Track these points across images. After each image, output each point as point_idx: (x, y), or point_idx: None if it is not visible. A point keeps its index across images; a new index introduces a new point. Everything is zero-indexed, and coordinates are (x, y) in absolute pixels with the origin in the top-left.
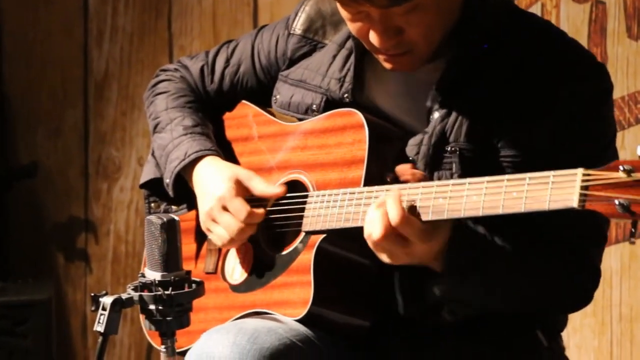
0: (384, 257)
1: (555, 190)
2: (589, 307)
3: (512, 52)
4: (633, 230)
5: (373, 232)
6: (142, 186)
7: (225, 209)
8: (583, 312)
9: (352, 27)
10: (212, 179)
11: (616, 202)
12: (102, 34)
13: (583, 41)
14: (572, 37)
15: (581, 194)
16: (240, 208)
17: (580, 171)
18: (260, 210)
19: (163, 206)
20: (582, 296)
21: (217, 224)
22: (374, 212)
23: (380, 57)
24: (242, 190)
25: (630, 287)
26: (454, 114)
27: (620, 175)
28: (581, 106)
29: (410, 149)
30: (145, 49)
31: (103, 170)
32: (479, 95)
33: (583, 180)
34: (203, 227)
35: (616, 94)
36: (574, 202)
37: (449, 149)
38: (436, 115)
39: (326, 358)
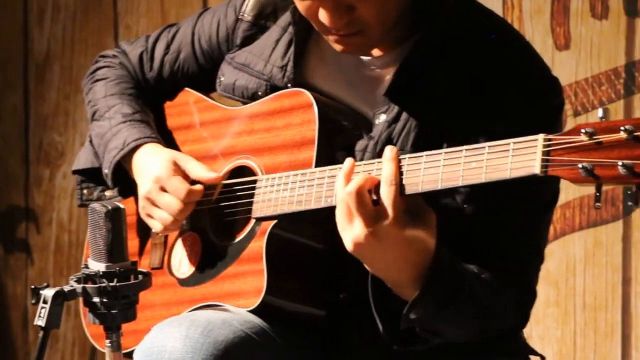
0: (349, 241)
1: (516, 157)
2: (552, 296)
3: (465, 58)
4: (597, 194)
5: (349, 185)
6: (76, 172)
7: (163, 189)
8: (546, 302)
9: (301, 5)
10: (150, 163)
11: (579, 165)
12: (43, 12)
13: (546, 21)
14: (528, 43)
15: (543, 160)
16: (179, 186)
17: (541, 136)
18: (199, 187)
19: (96, 193)
20: (525, 318)
21: (157, 206)
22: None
23: (331, 38)
24: (180, 172)
25: (594, 275)
26: (402, 120)
27: (582, 138)
28: (532, 122)
29: (356, 155)
30: (89, 28)
31: (45, 156)
32: (430, 99)
33: (544, 146)
34: (142, 213)
35: (579, 76)
36: (536, 169)
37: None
38: (382, 118)
39: (283, 350)
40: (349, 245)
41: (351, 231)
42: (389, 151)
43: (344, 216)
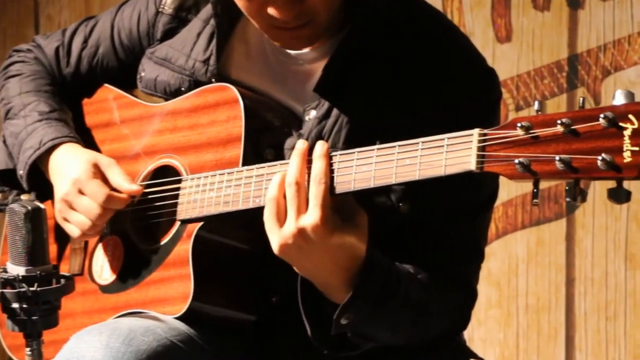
0: (275, 241)
1: (451, 153)
2: (494, 298)
3: (398, 51)
4: (535, 190)
5: (268, 192)
6: None
7: (81, 192)
8: (487, 303)
9: (244, 3)
10: (69, 164)
11: (516, 161)
12: None
13: (486, 12)
14: (464, 35)
15: (478, 155)
16: (98, 190)
17: (476, 131)
18: (123, 195)
19: (11, 197)
20: (465, 320)
21: (75, 210)
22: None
23: (277, 34)
24: (101, 176)
25: (537, 275)
26: (333, 116)
27: (519, 132)
28: (467, 116)
29: (286, 152)
30: (8, 17)
31: None
32: (362, 95)
33: (479, 141)
34: (59, 218)
35: (521, 69)
36: (471, 165)
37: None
38: (312, 114)
39: (211, 358)
40: (275, 246)
41: (278, 232)
42: (320, 147)
43: (272, 215)
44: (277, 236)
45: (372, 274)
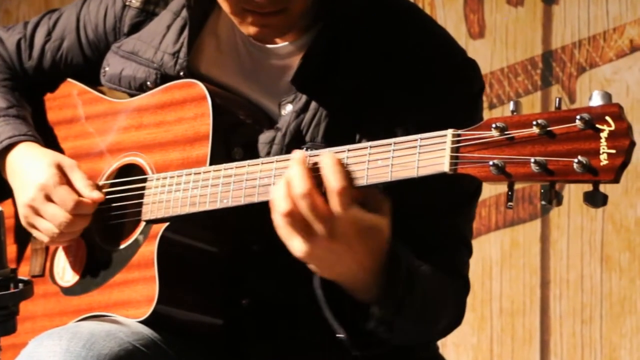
0: (300, 248)
1: (424, 154)
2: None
3: (376, 43)
4: (510, 193)
5: (278, 205)
6: None
7: (49, 198)
8: None
9: None
10: (32, 167)
11: (490, 163)
12: None
13: (459, 7)
14: (442, 28)
15: (452, 157)
16: (67, 197)
17: (450, 132)
18: (90, 201)
19: None
20: (463, 312)
21: (42, 217)
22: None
23: (249, 20)
24: (67, 179)
25: (511, 277)
26: (311, 110)
27: (493, 133)
28: (449, 109)
29: (261, 147)
30: None
31: None
32: (340, 88)
33: (453, 142)
34: (24, 222)
35: (494, 66)
36: (445, 166)
37: (304, 150)
38: (289, 108)
39: None
40: (304, 256)
41: (306, 243)
42: (328, 157)
43: (294, 227)
44: (306, 246)
45: (400, 260)
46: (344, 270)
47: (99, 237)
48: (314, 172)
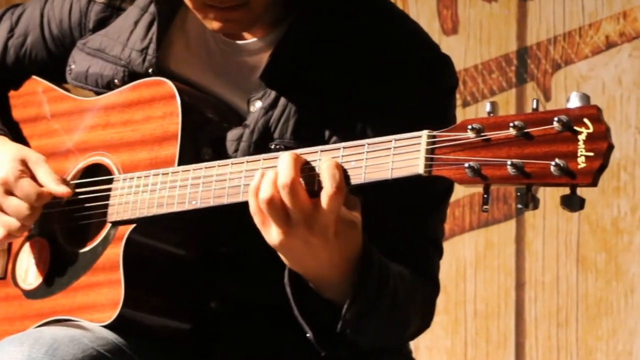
0: (276, 236)
1: (399, 156)
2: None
3: (346, 38)
4: (485, 196)
5: (261, 191)
6: None
7: (10, 192)
8: None
9: None
10: None
11: (466, 165)
12: None
13: (432, 3)
14: (415, 22)
15: (427, 158)
16: (29, 190)
17: (425, 133)
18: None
19: None
20: (432, 315)
21: (2, 211)
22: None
23: (210, 15)
24: (29, 173)
25: (485, 279)
26: (280, 106)
27: (469, 135)
28: (422, 104)
29: (229, 144)
30: None
31: None
32: (310, 84)
33: (428, 143)
34: None
35: (468, 63)
36: (419, 168)
37: (272, 147)
38: (257, 105)
39: None
40: (277, 244)
41: (282, 232)
42: (327, 160)
43: (275, 214)
44: (282, 235)
45: (372, 261)
46: (314, 264)
47: (64, 238)
48: (303, 171)
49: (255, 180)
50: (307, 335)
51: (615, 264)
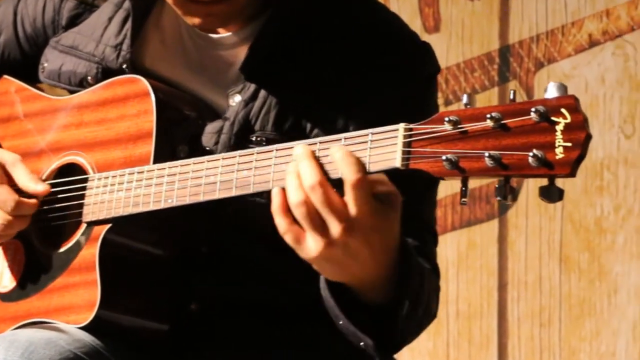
0: (315, 247)
1: (375, 149)
2: None
3: (325, 29)
4: (463, 188)
5: (291, 197)
6: None
7: None
8: None
9: None
10: None
11: (443, 157)
12: None
13: (414, 0)
14: (394, 13)
15: (404, 152)
16: (7, 197)
17: (401, 126)
18: (33, 200)
19: None
20: (438, 305)
21: None
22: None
23: (191, 10)
24: (7, 178)
25: (467, 279)
26: (260, 98)
27: (446, 127)
28: (403, 94)
29: (208, 137)
30: None
31: None
32: (290, 76)
33: (405, 136)
34: None
35: (450, 61)
36: (396, 162)
37: (254, 139)
38: (237, 99)
39: None
40: (316, 256)
41: (319, 240)
42: (338, 149)
43: (308, 224)
44: (321, 244)
45: (411, 252)
46: (357, 269)
47: (38, 240)
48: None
49: (278, 198)
50: (361, 344)
51: (598, 263)
